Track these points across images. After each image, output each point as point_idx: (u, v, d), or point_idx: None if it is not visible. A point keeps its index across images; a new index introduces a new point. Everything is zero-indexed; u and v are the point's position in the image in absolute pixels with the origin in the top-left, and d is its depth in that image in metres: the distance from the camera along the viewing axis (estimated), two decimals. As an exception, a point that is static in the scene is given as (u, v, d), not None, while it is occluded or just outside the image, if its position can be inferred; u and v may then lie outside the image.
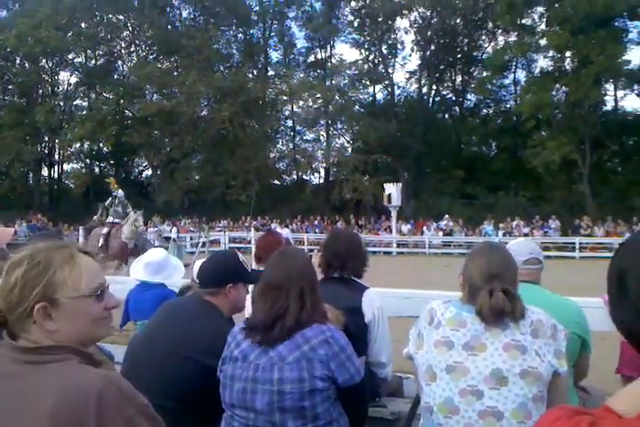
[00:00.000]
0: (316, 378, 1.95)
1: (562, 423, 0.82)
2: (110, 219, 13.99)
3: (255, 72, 38.95)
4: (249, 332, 2.06)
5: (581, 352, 2.56)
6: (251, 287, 2.59)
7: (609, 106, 34.12)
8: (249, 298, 2.58)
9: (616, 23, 30.48)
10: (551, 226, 24.51)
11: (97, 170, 40.06)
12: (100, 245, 12.71)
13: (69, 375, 1.17)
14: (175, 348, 2.30)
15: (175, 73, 35.99)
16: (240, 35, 39.58)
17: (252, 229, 23.14)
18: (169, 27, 37.67)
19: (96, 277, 1.31)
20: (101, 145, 37.56)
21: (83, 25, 35.71)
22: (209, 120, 33.63)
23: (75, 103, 37.81)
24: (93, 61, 38.11)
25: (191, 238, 24.09)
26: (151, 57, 37.90)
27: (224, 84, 33.28)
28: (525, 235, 22.56)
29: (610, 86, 32.99)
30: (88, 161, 39.31)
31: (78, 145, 36.68)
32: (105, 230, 13.56)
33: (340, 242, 3.07)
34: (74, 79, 37.84)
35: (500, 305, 1.85)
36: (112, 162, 40.34)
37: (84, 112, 36.18)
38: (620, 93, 34.40)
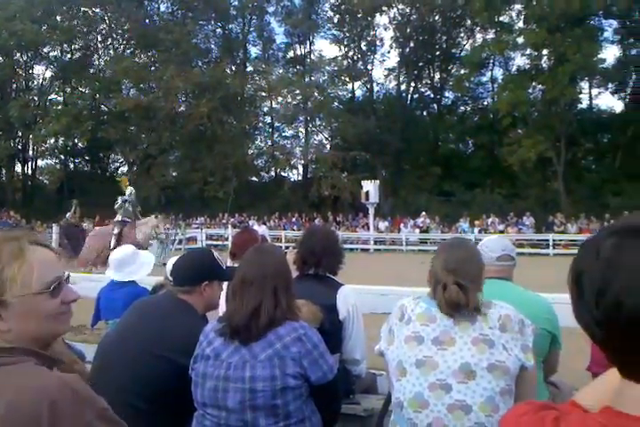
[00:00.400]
0: (289, 376, 1.95)
1: (528, 418, 0.83)
2: (119, 217, 13.61)
3: (234, 67, 38.70)
4: (222, 330, 2.05)
5: (551, 348, 2.60)
6: (225, 285, 2.58)
7: (584, 104, 34.66)
8: (223, 295, 2.56)
9: (592, 22, 30.96)
10: (525, 223, 24.82)
11: (71, 166, 39.49)
12: (112, 246, 12.17)
13: (23, 378, 1.11)
14: (148, 347, 2.27)
15: (153, 68, 35.63)
16: (219, 29, 39.37)
17: (230, 226, 23.04)
18: (146, 20, 37.26)
19: (50, 270, 1.23)
20: (76, 140, 36.99)
21: (58, 18, 35.16)
22: (187, 116, 33.36)
23: (49, 98, 37.20)
24: (69, 55, 37.51)
25: (167, 236, 23.84)
26: (128, 51, 37.47)
27: (202, 79, 33.05)
28: (500, 232, 22.88)
29: (585, 84, 33.51)
30: (63, 157, 38.71)
31: (53, 140, 36.12)
32: (116, 230, 13.19)
33: (316, 239, 3.07)
34: (49, 73, 37.37)
35: (453, 298, 1.89)
36: (87, 158, 39.81)
37: (59, 107, 35.57)
38: (595, 92, 35.00)
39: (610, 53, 54.29)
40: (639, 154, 32.99)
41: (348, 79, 38.43)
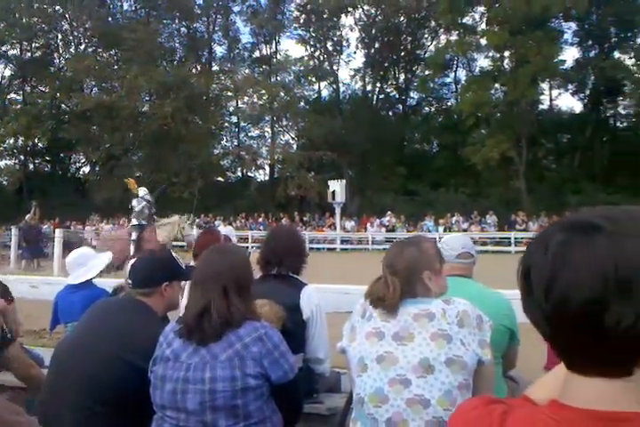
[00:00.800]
0: (249, 376, 1.94)
1: (478, 412, 0.84)
2: (134, 221, 12.91)
3: (199, 67, 38.35)
4: (180, 331, 2.03)
5: (510, 344, 2.65)
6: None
7: (545, 105, 35.48)
8: (185, 295, 2.55)
9: (552, 24, 31.69)
10: (488, 221, 25.25)
11: (31, 166, 38.48)
12: (131, 253, 11.40)
13: None
14: (107, 350, 2.24)
15: (115, 66, 35.00)
16: (183, 28, 38.90)
17: (195, 227, 22.78)
18: (109, 19, 36.59)
19: None
20: (37, 140, 36.11)
21: (18, 15, 34.22)
22: (151, 115, 32.87)
23: (8, 97, 36.28)
24: (29, 54, 36.60)
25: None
26: (90, 50, 36.73)
27: (167, 78, 32.66)
28: (464, 230, 23.24)
29: (546, 86, 34.29)
30: (22, 157, 37.65)
31: (12, 140, 35.15)
32: (134, 235, 12.59)
33: (279, 239, 3.07)
34: (8, 72, 36.47)
35: (373, 291, 1.97)
36: (48, 158, 38.88)
37: (19, 106, 34.68)
38: (555, 93, 35.87)
39: (569, 55, 55.71)
40: (597, 154, 33.99)
41: (314, 79, 38.51)
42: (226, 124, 38.77)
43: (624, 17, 31.14)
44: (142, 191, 13.46)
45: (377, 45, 37.56)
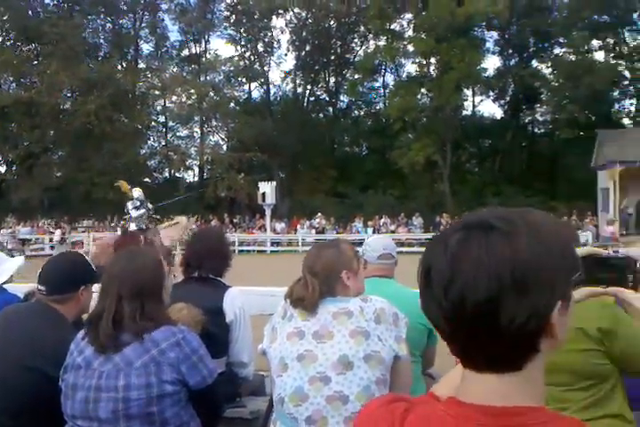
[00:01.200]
0: (165, 382, 1.90)
1: (381, 411, 0.85)
2: (133, 226, 11.88)
3: (124, 64, 37.21)
4: (87, 337, 1.96)
5: (429, 342, 2.73)
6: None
7: (468, 110, 36.80)
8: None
9: (475, 33, 32.96)
10: (414, 223, 25.90)
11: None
12: None
13: None
14: (15, 359, 2.13)
15: (35, 62, 33.43)
16: (108, 24, 37.64)
17: (119, 229, 22.08)
18: (29, 12, 34.88)
19: None
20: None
21: None
22: (73, 113, 31.59)
23: None
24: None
25: (51, 240, 22.55)
26: (8, 43, 34.87)
27: (90, 74, 31.52)
28: (392, 232, 23.74)
29: (469, 92, 35.58)
30: None
31: None
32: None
33: (201, 241, 3.02)
34: None
35: (293, 292, 2.01)
36: (-40, 157, 36.61)
37: None
38: (478, 99, 37.27)
39: (491, 63, 58.03)
40: (516, 158, 35.62)
41: (244, 80, 38.22)
42: (153, 123, 37.80)
43: (541, 28, 32.84)
44: (137, 192, 12.68)
45: (308, 48, 37.74)
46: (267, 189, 24.55)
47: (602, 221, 22.98)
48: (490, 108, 70.43)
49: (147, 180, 36.38)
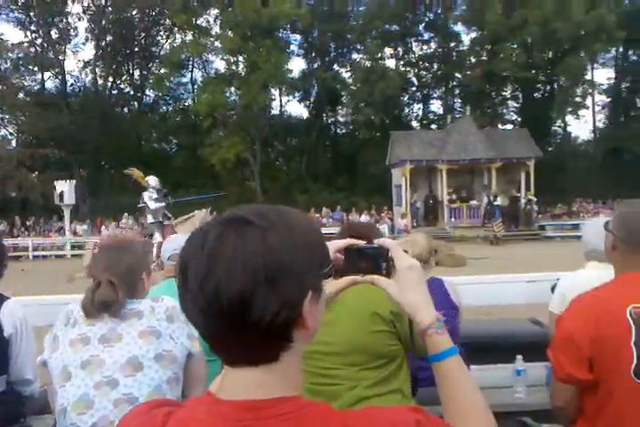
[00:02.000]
0: None
1: (140, 419, 0.82)
2: (151, 218, 10.65)
3: None
4: None
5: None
6: None
7: (276, 110, 37.80)
8: None
9: (280, 34, 33.89)
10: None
11: None
12: (155, 255, 8.75)
13: None
14: None
15: None
16: None
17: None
18: None
19: None
20: None
21: None
22: None
23: None
24: None
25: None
26: None
27: None
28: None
29: (276, 92, 36.56)
30: None
31: None
32: (158, 236, 9.96)
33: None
34: None
35: (94, 296, 1.91)
36: None
37: None
38: (285, 99, 38.48)
39: (296, 65, 60.16)
40: (321, 157, 37.54)
41: (36, 68, 34.95)
42: None
43: (341, 34, 34.89)
44: (153, 181, 11.17)
45: (109, 38, 35.71)
46: (64, 187, 22.70)
47: (397, 214, 25.23)
48: (296, 109, 72.99)
49: None
